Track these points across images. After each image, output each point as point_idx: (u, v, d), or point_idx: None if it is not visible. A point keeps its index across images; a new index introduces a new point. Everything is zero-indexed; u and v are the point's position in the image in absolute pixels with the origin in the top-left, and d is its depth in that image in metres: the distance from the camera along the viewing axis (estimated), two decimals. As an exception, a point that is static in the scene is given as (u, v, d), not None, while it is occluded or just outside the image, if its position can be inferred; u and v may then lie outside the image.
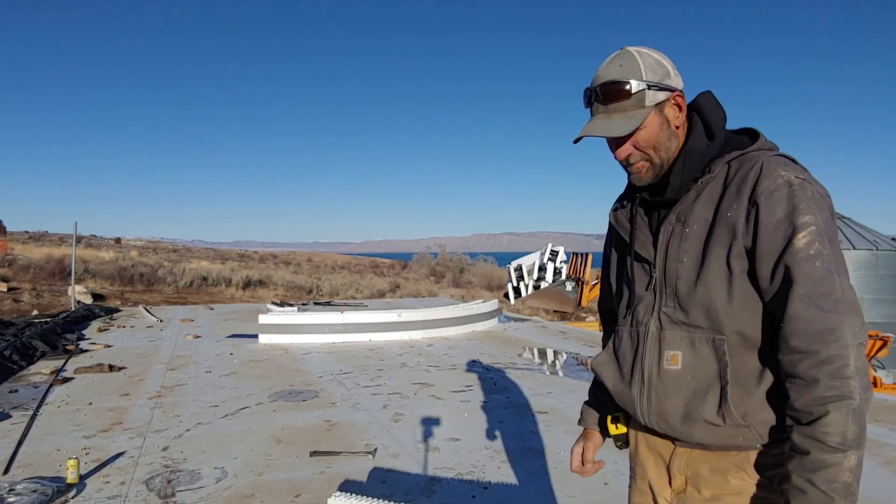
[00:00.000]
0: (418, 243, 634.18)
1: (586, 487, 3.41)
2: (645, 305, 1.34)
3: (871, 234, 15.06)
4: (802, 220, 1.14)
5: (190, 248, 49.68)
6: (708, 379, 1.25)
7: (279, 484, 3.47)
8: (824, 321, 1.11)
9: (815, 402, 1.10)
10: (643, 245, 1.35)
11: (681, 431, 1.29)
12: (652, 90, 1.24)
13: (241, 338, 9.07)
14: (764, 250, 1.17)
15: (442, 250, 37.17)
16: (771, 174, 1.18)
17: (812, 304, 1.12)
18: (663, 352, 1.30)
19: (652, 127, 1.25)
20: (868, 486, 3.43)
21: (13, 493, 3.23)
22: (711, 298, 1.22)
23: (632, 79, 1.23)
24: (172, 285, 20.90)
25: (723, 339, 1.23)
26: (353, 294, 22.47)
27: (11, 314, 13.24)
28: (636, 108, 1.24)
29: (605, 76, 1.26)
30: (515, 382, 6.10)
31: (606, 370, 1.44)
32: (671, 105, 1.27)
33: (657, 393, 1.31)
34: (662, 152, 1.28)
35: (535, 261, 18.08)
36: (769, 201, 1.17)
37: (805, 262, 1.13)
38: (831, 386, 1.09)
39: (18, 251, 23.83)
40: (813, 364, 1.11)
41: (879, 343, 10.68)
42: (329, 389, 5.84)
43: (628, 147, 1.28)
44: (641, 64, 1.24)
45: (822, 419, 1.09)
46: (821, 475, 1.09)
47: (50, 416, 4.88)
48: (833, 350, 1.10)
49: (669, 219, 1.30)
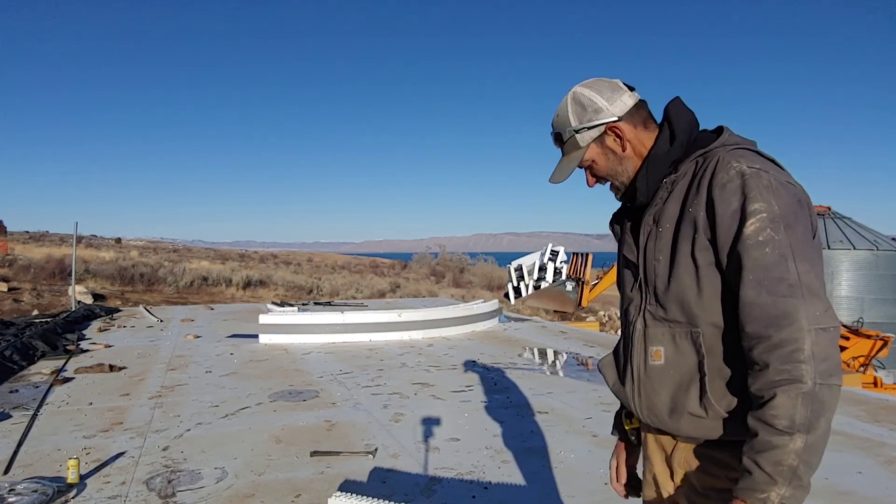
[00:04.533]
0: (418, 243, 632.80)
1: (586, 488, 3.41)
2: (634, 306, 1.40)
3: (871, 234, 15.05)
4: (752, 207, 1.17)
5: (190, 248, 49.68)
6: (690, 372, 1.29)
7: (279, 484, 3.47)
8: (776, 306, 1.13)
9: (766, 385, 1.12)
10: (629, 248, 1.43)
11: (669, 425, 1.33)
12: (581, 132, 1.37)
13: (242, 338, 9.07)
14: (722, 241, 1.21)
15: (442, 250, 37.18)
16: (725, 167, 1.23)
17: (763, 290, 1.14)
18: (648, 348, 1.35)
19: (599, 160, 1.40)
20: (868, 486, 3.43)
21: (13, 493, 3.23)
22: (683, 293, 1.27)
23: (563, 128, 1.40)
24: (173, 285, 20.90)
25: (699, 331, 1.27)
26: (353, 294, 22.47)
27: (12, 314, 13.25)
28: (575, 150, 1.40)
29: (552, 125, 1.44)
30: (516, 382, 6.10)
31: (608, 371, 1.50)
32: (609, 136, 1.38)
33: (646, 389, 1.36)
34: (620, 176, 1.40)
35: (535, 261, 18.07)
36: (723, 193, 1.21)
37: (753, 248, 1.16)
38: (781, 370, 1.11)
39: (19, 251, 23.83)
40: (765, 349, 1.13)
41: (880, 343, 10.67)
42: (329, 389, 5.84)
43: (590, 178, 1.44)
44: (570, 111, 1.38)
45: (771, 402, 1.11)
46: (766, 457, 1.10)
47: (50, 416, 4.88)
48: (785, 334, 1.11)
49: (646, 220, 1.36)
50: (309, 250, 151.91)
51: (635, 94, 1.39)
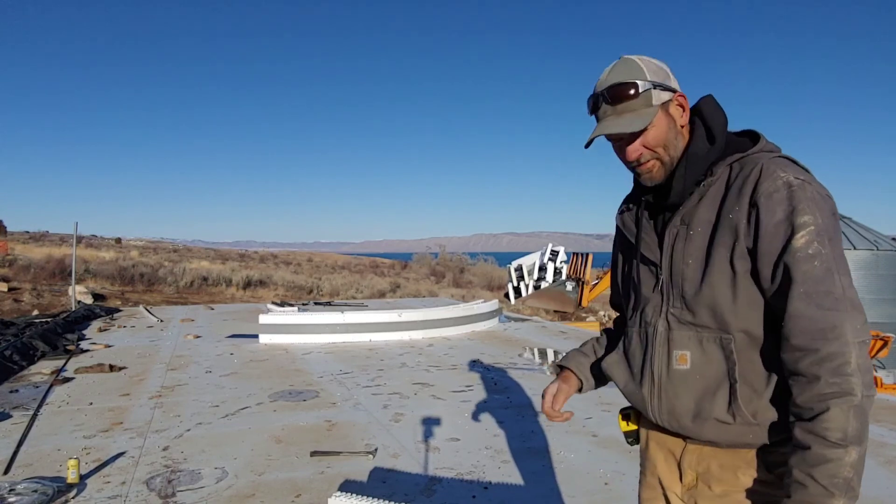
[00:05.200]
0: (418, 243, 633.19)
1: (587, 488, 3.41)
2: (653, 307, 1.37)
3: (871, 234, 15.05)
4: (801, 220, 1.16)
5: (190, 248, 49.67)
6: (717, 378, 1.27)
7: (279, 484, 3.47)
8: (825, 319, 1.12)
9: (817, 398, 1.12)
10: (649, 247, 1.38)
11: (691, 429, 1.31)
12: (657, 90, 1.28)
13: (242, 338, 9.07)
14: (764, 251, 1.19)
15: (442, 250, 37.17)
16: (770, 176, 1.21)
17: (812, 303, 1.14)
18: (672, 352, 1.32)
19: (660, 126, 1.29)
20: (868, 486, 3.42)
21: (13, 493, 3.23)
22: (716, 298, 1.25)
23: (638, 79, 1.28)
24: (173, 285, 20.90)
25: (730, 338, 1.25)
26: (353, 294, 22.47)
27: (12, 314, 13.24)
28: (644, 107, 1.28)
29: (612, 79, 1.30)
30: (516, 382, 6.10)
31: (617, 370, 1.47)
32: (675, 105, 1.31)
33: (667, 392, 1.33)
34: (671, 150, 1.31)
35: (535, 261, 18.08)
36: (769, 202, 1.19)
37: (804, 261, 1.15)
38: (832, 382, 1.10)
39: (19, 251, 23.83)
40: (814, 361, 1.12)
41: (880, 343, 10.68)
42: (329, 389, 5.84)
43: (638, 147, 1.30)
44: (644, 67, 1.29)
45: (823, 415, 1.11)
46: (821, 470, 1.10)
47: (50, 416, 4.88)
48: (834, 347, 1.11)
49: (674, 221, 1.32)
50: (309, 250, 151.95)
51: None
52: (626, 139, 1.31)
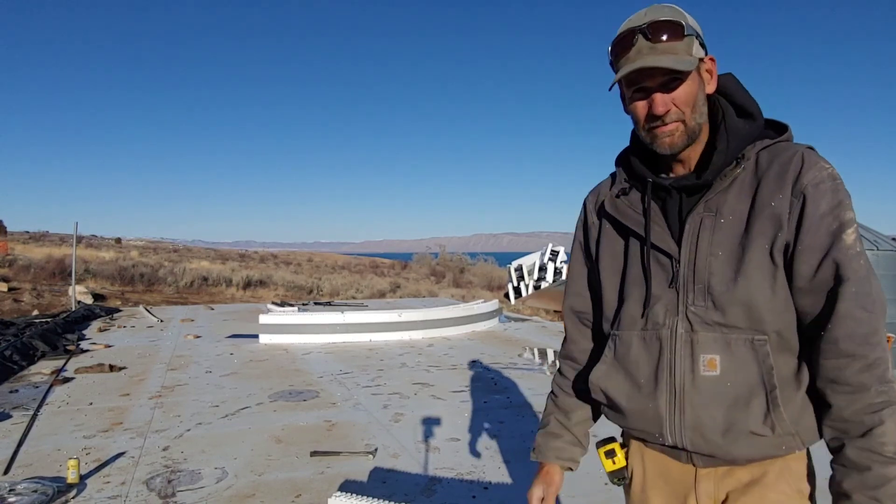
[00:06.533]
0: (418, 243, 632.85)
1: (586, 488, 3.41)
2: (665, 305, 1.20)
3: (871, 234, 15.06)
4: (848, 215, 1.09)
5: (190, 248, 49.68)
6: (749, 385, 1.13)
7: (279, 484, 3.47)
8: (870, 322, 1.05)
9: (867, 409, 1.03)
10: (661, 237, 1.21)
11: (720, 446, 1.15)
12: (698, 41, 1.15)
13: (242, 338, 9.07)
14: (809, 244, 1.09)
15: (442, 250, 37.16)
16: (815, 165, 1.11)
17: (860, 304, 1.05)
18: (698, 356, 1.15)
19: (693, 83, 1.15)
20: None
21: (13, 493, 3.23)
22: (754, 295, 1.12)
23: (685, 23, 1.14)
24: (173, 285, 20.90)
25: (764, 339, 1.12)
26: (353, 294, 22.46)
27: (12, 314, 13.24)
28: (686, 54, 1.14)
29: (654, 16, 1.15)
30: (516, 382, 6.10)
31: (614, 384, 1.26)
32: (706, 69, 1.18)
33: (692, 404, 1.16)
34: (697, 116, 1.17)
35: (535, 261, 18.10)
36: (816, 192, 1.09)
37: (854, 258, 1.07)
38: (881, 391, 1.03)
39: (19, 251, 23.83)
40: (862, 368, 1.04)
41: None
42: (329, 389, 5.84)
43: (667, 101, 1.14)
44: (687, 16, 1.16)
45: (877, 429, 1.02)
46: (886, 491, 1.01)
47: (50, 416, 4.88)
48: (878, 353, 1.04)
49: (697, 209, 1.17)
50: (309, 250, 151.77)
51: None
52: (656, 87, 1.14)
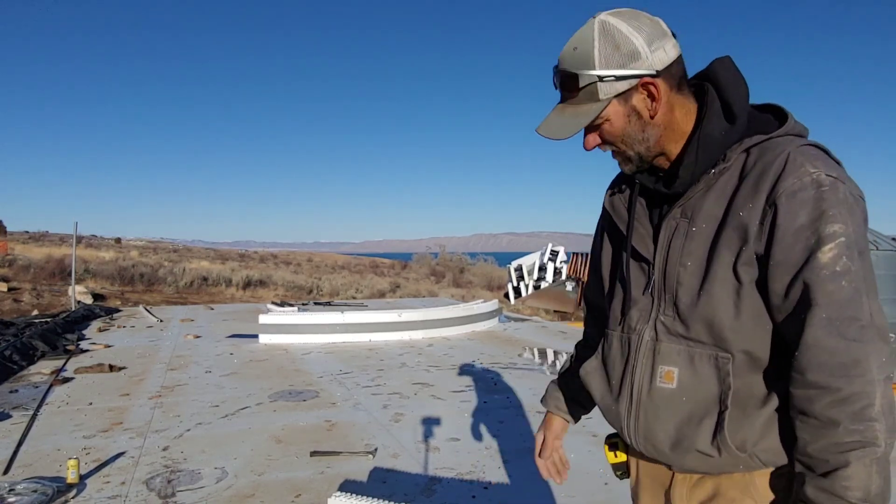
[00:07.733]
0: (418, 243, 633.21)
1: (586, 488, 3.41)
2: (640, 310, 1.16)
3: (870, 234, 15.05)
4: (830, 229, 0.96)
5: (190, 248, 49.68)
6: (706, 402, 1.08)
7: (279, 484, 3.47)
8: (848, 352, 0.93)
9: (833, 448, 0.94)
10: (642, 240, 1.16)
11: (670, 458, 1.14)
12: (606, 82, 1.04)
13: (242, 338, 9.07)
14: (779, 260, 0.99)
15: (442, 250, 37.16)
16: (797, 170, 0.99)
17: (834, 332, 0.94)
18: (657, 367, 1.12)
19: (616, 120, 1.07)
20: None
21: (13, 493, 3.23)
22: (716, 312, 1.05)
23: (581, 69, 1.04)
24: (172, 285, 20.90)
25: (728, 358, 1.05)
26: (353, 294, 22.46)
27: (12, 314, 13.24)
28: (588, 103, 1.06)
29: (561, 60, 1.08)
30: (516, 382, 6.10)
31: (594, 380, 1.27)
32: (639, 94, 1.06)
33: (646, 413, 1.14)
34: (637, 146, 1.09)
35: (535, 261, 18.11)
36: (791, 203, 0.98)
37: (829, 280, 0.95)
38: (853, 430, 0.92)
39: (19, 251, 23.83)
40: (832, 402, 0.94)
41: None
42: (329, 389, 5.84)
43: (594, 139, 1.11)
44: (595, 48, 1.03)
45: (842, 471, 0.93)
46: None
47: (50, 416, 4.88)
48: (856, 387, 0.93)
49: (673, 213, 1.11)
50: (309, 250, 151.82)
51: (677, 45, 1.07)
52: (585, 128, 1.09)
